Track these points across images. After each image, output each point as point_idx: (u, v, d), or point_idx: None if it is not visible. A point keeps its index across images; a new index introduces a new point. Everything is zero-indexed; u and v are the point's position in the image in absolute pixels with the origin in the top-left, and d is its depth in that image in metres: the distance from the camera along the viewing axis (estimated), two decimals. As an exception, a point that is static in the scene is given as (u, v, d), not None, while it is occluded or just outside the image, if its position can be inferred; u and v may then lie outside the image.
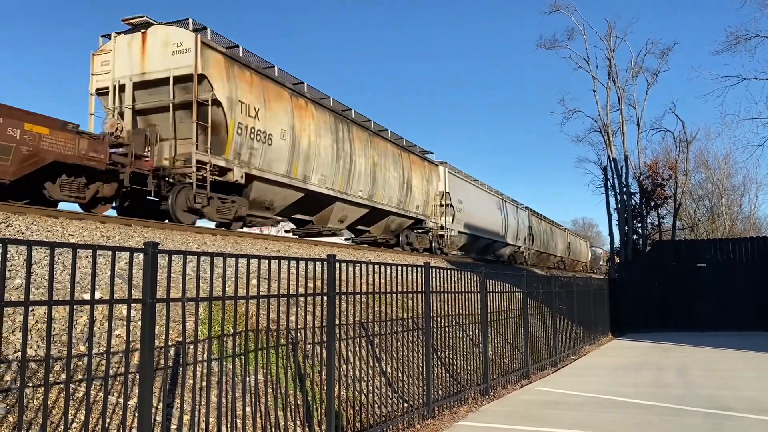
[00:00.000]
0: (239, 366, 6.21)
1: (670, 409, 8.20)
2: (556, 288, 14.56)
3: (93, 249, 3.88)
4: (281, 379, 5.96)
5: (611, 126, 34.31)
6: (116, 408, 5.05)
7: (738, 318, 21.45)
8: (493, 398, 9.27)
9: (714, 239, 30.62)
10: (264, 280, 5.42)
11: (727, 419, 7.50)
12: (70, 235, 8.68)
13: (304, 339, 6.87)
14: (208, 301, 4.62)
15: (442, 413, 7.98)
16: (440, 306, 8.76)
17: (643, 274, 23.91)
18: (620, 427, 7.20)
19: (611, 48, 34.39)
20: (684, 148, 37.42)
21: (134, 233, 9.89)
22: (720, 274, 22.52)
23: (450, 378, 8.94)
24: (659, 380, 10.81)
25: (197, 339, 4.91)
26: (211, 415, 5.36)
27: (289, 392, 6.46)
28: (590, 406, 8.46)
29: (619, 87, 34.50)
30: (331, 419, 5.87)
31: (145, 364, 4.00)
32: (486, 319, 9.95)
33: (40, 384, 4.81)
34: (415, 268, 7.99)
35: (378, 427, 6.67)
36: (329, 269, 6.10)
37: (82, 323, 5.73)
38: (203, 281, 5.46)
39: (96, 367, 5.28)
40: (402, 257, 18.16)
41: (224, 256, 4.88)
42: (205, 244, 10.92)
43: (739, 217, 52.69)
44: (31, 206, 9.90)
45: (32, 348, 5.16)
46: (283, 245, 13.69)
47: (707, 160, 49.89)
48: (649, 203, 36.53)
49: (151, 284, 4.07)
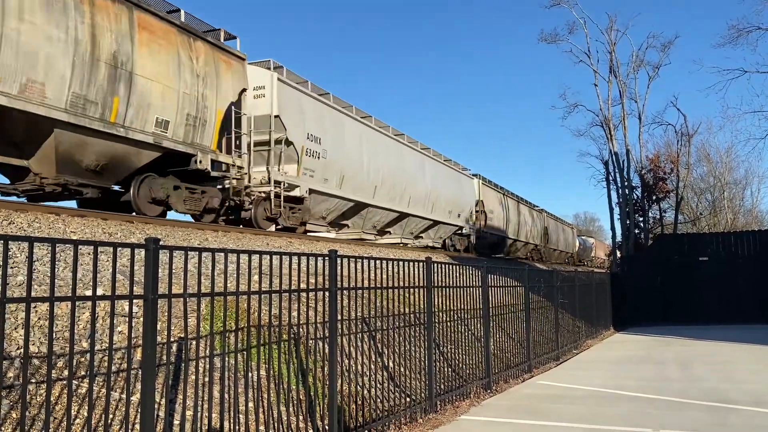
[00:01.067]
0: (241, 362, 6.22)
1: (673, 402, 8.20)
2: (558, 282, 14.56)
3: (94, 245, 3.88)
4: (283, 374, 5.97)
5: (612, 120, 34.20)
6: (119, 404, 5.07)
7: (740, 311, 21.44)
8: (495, 392, 9.29)
9: (716, 233, 30.57)
10: (266, 276, 5.42)
11: (730, 412, 7.50)
12: (72, 232, 8.69)
13: (306, 334, 6.88)
14: (210, 296, 4.63)
15: (444, 407, 7.99)
16: (442, 301, 8.76)
17: (645, 268, 23.89)
18: (623, 420, 7.20)
19: (612, 42, 34.26)
20: (686, 142, 37.33)
21: (136, 230, 9.90)
22: (722, 268, 22.50)
23: (452, 372, 8.95)
24: (662, 374, 10.81)
25: (199, 335, 4.92)
26: (214, 410, 5.37)
27: (292, 387, 6.48)
28: (593, 400, 8.47)
29: (620, 81, 34.38)
30: (333, 414, 5.88)
31: (148, 360, 4.01)
32: (488, 313, 9.95)
33: (42, 380, 4.82)
34: (417, 263, 7.99)
35: (380, 422, 6.69)
36: (331, 265, 6.11)
37: (85, 320, 5.74)
38: (205, 277, 5.46)
39: (98, 363, 5.29)
40: (404, 253, 18.18)
41: (226, 251, 4.88)
42: (207, 240, 10.93)
43: (741, 211, 52.67)
44: (33, 203, 9.90)
45: (35, 345, 5.17)
46: (285, 241, 13.70)
47: (709, 153, 49.87)
48: (650, 197, 36.42)
49: (153, 280, 4.08)
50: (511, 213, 35.88)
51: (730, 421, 7.03)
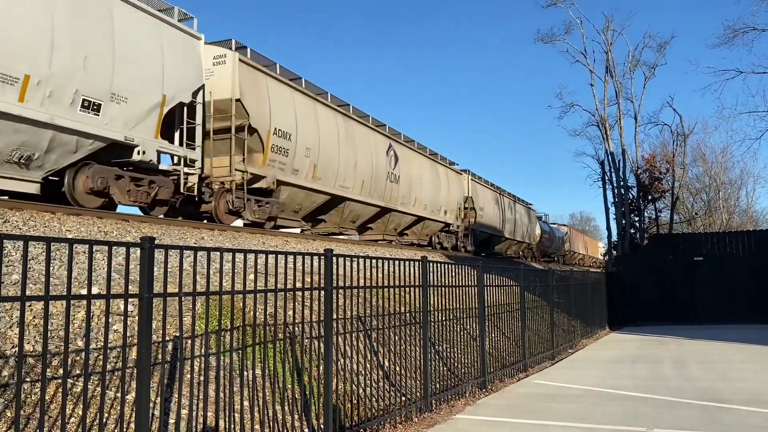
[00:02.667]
0: (237, 360, 6.23)
1: (667, 401, 8.23)
2: (554, 282, 14.60)
3: (89, 244, 3.88)
4: (279, 373, 5.98)
5: (609, 120, 34.27)
6: (114, 402, 5.07)
7: (735, 311, 21.52)
8: (491, 391, 9.31)
9: (711, 233, 30.68)
10: (261, 275, 5.43)
11: (723, 411, 7.54)
12: (68, 231, 8.68)
13: (302, 333, 6.88)
14: (205, 295, 4.63)
15: (439, 406, 8.01)
16: (438, 300, 8.78)
17: (640, 268, 23.97)
18: (617, 419, 7.23)
19: (609, 42, 34.31)
20: (681, 142, 37.42)
21: (132, 228, 9.89)
22: (717, 268, 22.58)
23: (448, 372, 8.96)
24: (656, 373, 10.86)
25: (194, 334, 4.92)
26: (210, 409, 5.38)
27: (288, 386, 6.48)
28: (587, 399, 8.50)
29: (616, 81, 34.44)
30: (329, 413, 5.89)
31: (143, 359, 4.01)
32: (483, 313, 9.97)
33: (37, 379, 4.82)
34: (413, 262, 8.00)
35: (376, 421, 6.70)
36: (327, 264, 6.12)
37: (80, 318, 5.74)
38: (200, 276, 5.46)
39: (94, 362, 5.29)
40: (399, 252, 18.19)
41: (221, 251, 4.89)
42: (203, 239, 10.92)
43: (737, 211, 52.80)
44: (28, 202, 9.87)
45: (30, 343, 5.17)
46: (281, 240, 13.70)
47: (705, 153, 49.95)
48: (646, 197, 36.49)
49: (148, 279, 4.08)
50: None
51: (724, 421, 7.07)
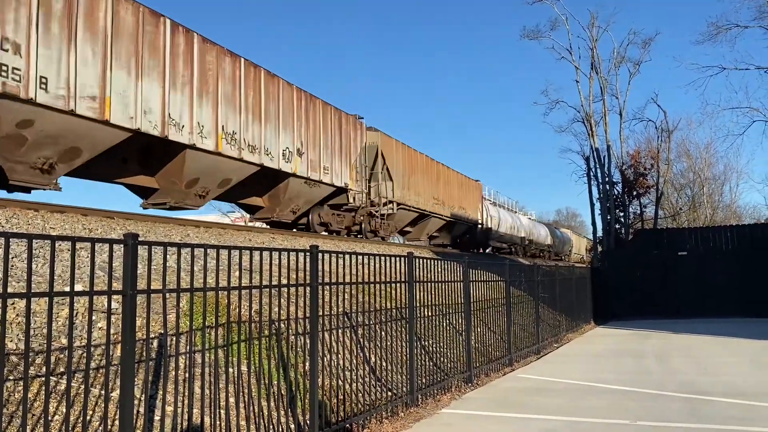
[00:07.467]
0: (222, 357, 6.22)
1: (650, 394, 8.34)
2: (539, 277, 14.70)
3: (72, 240, 3.86)
4: (265, 369, 5.98)
5: (594, 116, 34.47)
6: (98, 400, 5.05)
7: (718, 305, 21.81)
8: (477, 386, 9.37)
9: (695, 228, 30.98)
10: (246, 271, 5.43)
11: (703, 404, 7.65)
12: (51, 228, 8.60)
13: (287, 329, 6.89)
14: (189, 292, 4.62)
15: (425, 401, 8.05)
16: (424, 295, 8.82)
17: (625, 263, 24.20)
18: (601, 412, 7.31)
19: (594, 38, 34.49)
20: (666, 138, 37.72)
21: (116, 226, 9.83)
22: (701, 262, 22.86)
23: (434, 366, 9.01)
24: (640, 367, 10.98)
25: (179, 331, 4.91)
26: (195, 405, 5.37)
27: (274, 382, 6.49)
28: (572, 393, 8.58)
29: (601, 77, 34.64)
30: (314, 408, 5.90)
31: (127, 356, 4.00)
32: (469, 308, 10.03)
33: (20, 378, 4.79)
34: (399, 258, 8.03)
35: (362, 416, 6.73)
36: (312, 260, 6.12)
37: (64, 316, 5.71)
38: (185, 273, 5.45)
39: (78, 360, 5.27)
40: (387, 248, 18.22)
41: (206, 247, 4.88)
42: (188, 236, 10.88)
43: (720, 206, 53.39)
44: (11, 199, 9.77)
45: (12, 341, 5.13)
46: (268, 237, 13.68)
47: (689, 149, 50.40)
48: (631, 193, 36.75)
49: (132, 276, 4.06)
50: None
51: (705, 413, 7.18)
